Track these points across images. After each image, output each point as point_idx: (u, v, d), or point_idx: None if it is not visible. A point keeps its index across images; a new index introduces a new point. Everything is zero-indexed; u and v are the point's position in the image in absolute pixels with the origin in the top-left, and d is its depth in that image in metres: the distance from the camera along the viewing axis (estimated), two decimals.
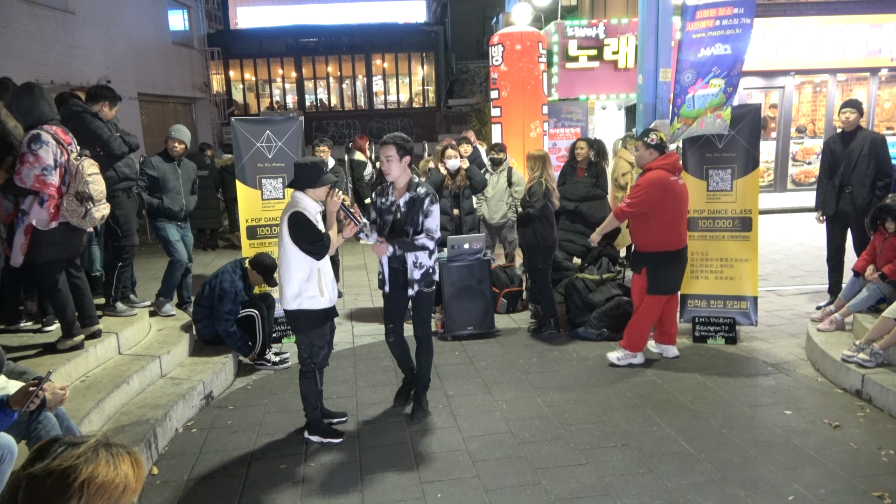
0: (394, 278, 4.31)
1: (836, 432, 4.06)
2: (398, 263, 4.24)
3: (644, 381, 4.92)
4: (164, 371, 4.89)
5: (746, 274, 5.73)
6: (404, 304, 4.40)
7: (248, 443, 4.16)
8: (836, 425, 4.13)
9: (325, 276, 3.95)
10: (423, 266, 4.23)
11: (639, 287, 5.14)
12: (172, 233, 5.94)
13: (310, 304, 3.92)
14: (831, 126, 13.43)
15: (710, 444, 3.96)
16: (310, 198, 3.91)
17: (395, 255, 4.20)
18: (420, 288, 4.24)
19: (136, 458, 1.41)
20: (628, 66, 10.94)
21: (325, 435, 4.15)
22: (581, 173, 7.10)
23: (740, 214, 5.70)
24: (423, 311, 4.36)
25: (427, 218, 4.14)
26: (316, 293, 3.90)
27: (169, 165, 5.94)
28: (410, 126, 25.52)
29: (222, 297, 5.18)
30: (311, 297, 3.90)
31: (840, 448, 3.86)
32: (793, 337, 5.80)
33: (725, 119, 5.31)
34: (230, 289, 5.20)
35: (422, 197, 4.13)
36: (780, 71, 13.00)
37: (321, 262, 3.93)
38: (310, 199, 3.91)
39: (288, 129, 6.00)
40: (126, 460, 1.39)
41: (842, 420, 4.20)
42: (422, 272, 4.23)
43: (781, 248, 9.48)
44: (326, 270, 3.98)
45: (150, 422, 4.08)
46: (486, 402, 4.65)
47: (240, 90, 26.51)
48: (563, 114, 10.72)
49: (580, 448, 3.96)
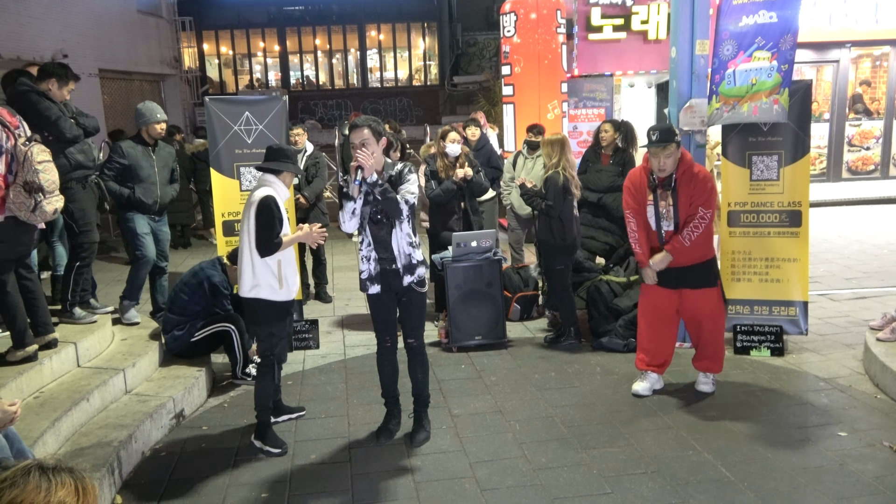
0: (384, 278, 4.26)
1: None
2: (386, 254, 4.20)
3: (677, 400, 4.92)
4: (128, 386, 4.91)
5: (795, 276, 5.72)
6: (395, 309, 4.40)
7: (224, 468, 4.17)
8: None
9: (286, 267, 4.22)
10: (414, 259, 4.24)
11: (712, 303, 4.89)
12: (141, 225, 5.92)
13: (268, 295, 4.20)
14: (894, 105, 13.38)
15: (754, 470, 3.95)
16: (279, 180, 4.27)
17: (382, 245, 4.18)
18: (412, 283, 4.24)
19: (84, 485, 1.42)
20: (659, 37, 10.90)
21: (268, 443, 4.35)
22: (605, 160, 7.10)
23: (788, 207, 5.69)
24: (416, 316, 4.37)
25: (403, 184, 4.16)
26: (275, 284, 4.18)
27: (142, 150, 5.90)
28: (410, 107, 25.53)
29: (216, 293, 5.27)
30: (271, 288, 4.19)
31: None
32: (848, 348, 5.78)
33: (784, 104, 5.27)
34: (222, 282, 5.30)
35: (399, 171, 4.20)
36: (833, 42, 12.95)
37: (283, 253, 4.22)
38: (279, 183, 4.27)
39: (270, 110, 6.01)
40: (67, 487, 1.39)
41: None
42: (418, 259, 4.25)
43: (835, 247, 9.46)
44: (289, 260, 4.25)
45: (112, 444, 4.09)
46: (496, 423, 4.65)
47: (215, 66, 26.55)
48: (585, 92, 10.71)
49: (604, 475, 3.95)
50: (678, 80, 5.73)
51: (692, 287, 4.83)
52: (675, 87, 5.77)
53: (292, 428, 4.65)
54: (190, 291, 5.29)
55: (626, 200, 4.95)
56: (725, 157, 5.84)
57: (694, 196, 4.70)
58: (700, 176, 4.72)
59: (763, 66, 5.29)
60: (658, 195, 4.75)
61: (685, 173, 4.72)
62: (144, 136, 5.92)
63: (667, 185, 4.73)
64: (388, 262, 4.22)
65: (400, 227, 4.17)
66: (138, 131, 5.96)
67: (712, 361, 4.98)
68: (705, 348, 4.98)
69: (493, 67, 21.63)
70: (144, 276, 5.99)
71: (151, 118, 5.88)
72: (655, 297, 4.92)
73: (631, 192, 4.91)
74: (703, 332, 4.93)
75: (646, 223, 4.87)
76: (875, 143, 13.52)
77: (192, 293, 5.29)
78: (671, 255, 4.76)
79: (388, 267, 4.22)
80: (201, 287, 5.28)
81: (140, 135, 5.94)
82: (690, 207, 4.72)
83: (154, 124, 5.89)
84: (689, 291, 4.85)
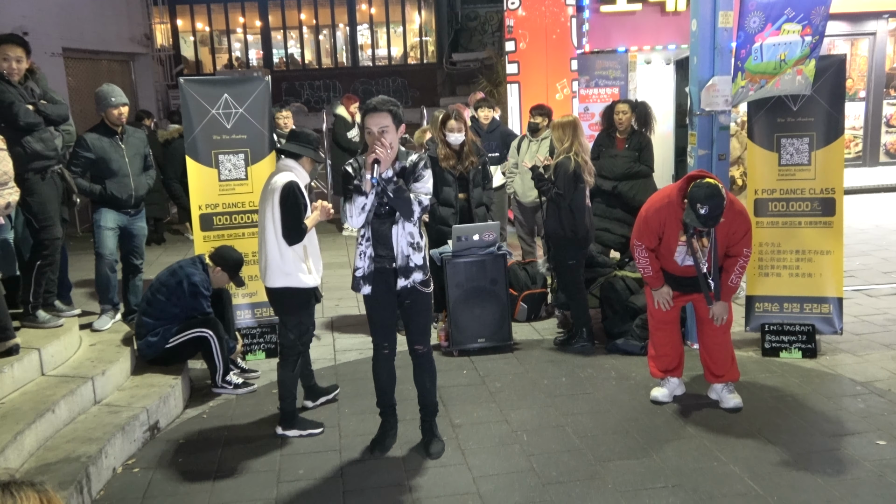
0: (378, 277, 4.23)
1: None
2: (385, 251, 4.18)
3: (700, 406, 4.92)
4: (98, 396, 4.91)
5: (829, 270, 5.72)
6: (395, 312, 4.39)
7: (203, 485, 4.17)
8: None
9: (312, 251, 4.56)
10: (412, 262, 4.20)
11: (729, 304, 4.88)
12: (107, 219, 5.92)
13: (298, 283, 4.49)
14: None
15: (784, 482, 3.96)
16: (299, 166, 4.60)
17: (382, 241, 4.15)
18: (410, 284, 4.20)
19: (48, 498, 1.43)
20: (678, 8, 10.88)
21: (304, 427, 4.67)
22: (621, 145, 7.09)
23: (821, 195, 5.69)
24: (423, 320, 4.37)
25: (417, 182, 4.13)
26: (305, 269, 4.49)
27: (109, 141, 5.88)
28: (405, 87, 25.49)
29: (196, 293, 5.26)
30: (302, 274, 4.48)
31: None
32: (887, 348, 5.79)
33: (808, 75, 5.28)
34: (202, 282, 5.30)
35: (414, 162, 4.15)
36: (869, 13, 12.93)
37: (308, 238, 4.53)
38: (300, 169, 4.60)
39: (251, 91, 6.00)
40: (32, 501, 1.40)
41: None
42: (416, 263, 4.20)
43: (872, 237, 9.47)
44: (313, 243, 4.59)
45: (81, 459, 4.09)
46: (501, 433, 4.66)
47: (190, 44, 26.51)
48: (598, 70, 10.69)
49: (620, 490, 3.96)
50: (699, 55, 5.71)
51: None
52: (696, 63, 5.76)
53: (278, 441, 4.65)
54: (168, 292, 5.29)
55: (641, 233, 4.77)
56: (751, 140, 5.83)
57: (735, 232, 4.60)
58: (741, 213, 4.65)
59: (793, 41, 5.28)
60: (692, 241, 4.58)
61: (727, 214, 4.50)
62: (106, 122, 5.89)
63: (703, 233, 4.56)
64: (386, 260, 4.19)
65: (403, 224, 4.15)
66: (101, 119, 5.93)
67: (731, 370, 4.89)
68: (721, 354, 4.87)
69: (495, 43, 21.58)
70: (106, 275, 5.98)
71: (108, 102, 5.83)
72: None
73: (652, 228, 4.71)
74: (717, 336, 4.85)
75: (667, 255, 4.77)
76: None
77: (171, 294, 5.29)
78: (727, 300, 4.77)
79: (385, 266, 4.20)
80: (180, 287, 5.28)
81: (104, 122, 5.91)
82: (729, 243, 4.66)
83: (111, 109, 5.82)
84: (700, 297, 4.78)
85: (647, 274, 4.85)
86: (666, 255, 4.77)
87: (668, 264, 4.81)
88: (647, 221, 4.74)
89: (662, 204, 4.70)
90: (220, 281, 5.47)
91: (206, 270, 5.39)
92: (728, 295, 4.78)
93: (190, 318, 5.30)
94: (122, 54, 18.78)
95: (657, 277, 4.84)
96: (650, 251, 4.78)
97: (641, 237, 4.78)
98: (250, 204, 6.08)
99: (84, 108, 15.22)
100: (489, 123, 7.88)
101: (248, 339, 6.03)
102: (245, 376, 5.57)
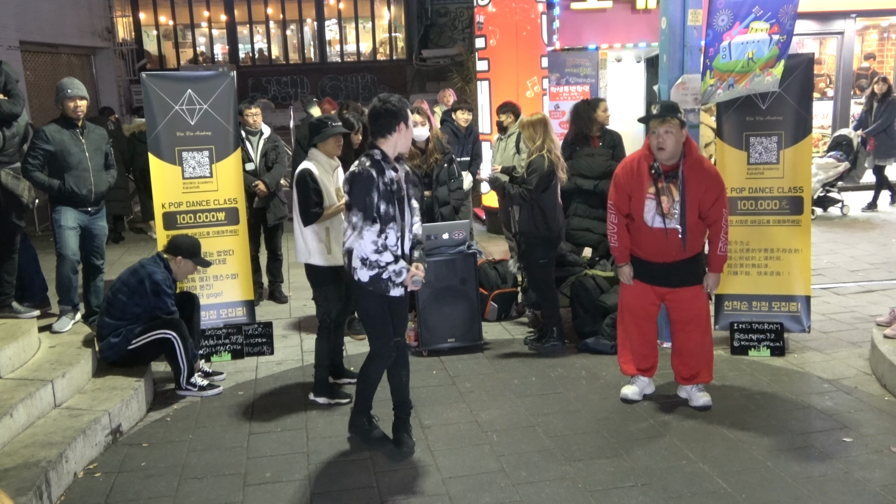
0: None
1: None
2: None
3: (670, 405, 4.98)
4: (58, 399, 4.84)
5: (797, 268, 5.81)
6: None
7: (167, 489, 4.14)
8: None
9: (333, 234, 4.91)
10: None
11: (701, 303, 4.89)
12: (68, 218, 5.84)
13: (317, 261, 4.96)
14: None
15: (753, 480, 4.02)
16: (321, 152, 4.97)
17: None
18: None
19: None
20: (649, 6, 11.00)
21: (333, 396, 5.10)
22: (595, 143, 7.10)
23: (789, 193, 5.78)
24: (405, 311, 4.58)
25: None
26: (324, 250, 4.93)
27: (69, 134, 5.81)
28: (374, 84, 25.41)
29: (158, 291, 5.20)
30: (320, 254, 4.94)
31: None
32: (854, 346, 5.90)
33: (776, 75, 5.35)
34: (164, 279, 5.25)
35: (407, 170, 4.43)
36: (837, 12, 13.16)
37: (331, 221, 4.93)
38: (321, 155, 4.98)
39: (216, 87, 5.95)
40: None
41: None
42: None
43: (840, 236, 9.63)
44: (336, 227, 4.87)
45: (40, 464, 4.04)
46: (471, 434, 4.67)
47: (153, 38, 26.19)
48: (568, 67, 10.76)
49: (590, 489, 3.99)
50: (669, 53, 5.78)
51: (677, 286, 4.80)
52: (666, 61, 5.82)
53: (244, 443, 4.63)
54: (129, 292, 5.23)
55: (612, 191, 4.87)
56: (721, 139, 5.91)
57: (708, 191, 4.61)
58: (710, 169, 4.69)
59: (761, 39, 5.36)
60: (661, 188, 4.63)
61: (694, 164, 4.62)
62: (67, 115, 5.82)
63: (673, 176, 4.62)
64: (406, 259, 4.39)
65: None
66: (61, 113, 5.86)
67: (705, 371, 4.93)
68: (696, 357, 4.90)
69: (466, 40, 21.60)
70: (68, 276, 5.90)
71: (64, 93, 5.77)
72: (638, 294, 4.94)
73: (620, 183, 4.81)
74: (693, 337, 4.88)
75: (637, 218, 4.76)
76: None
77: (132, 293, 5.22)
78: (718, 271, 4.79)
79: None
80: (142, 286, 5.21)
81: (65, 116, 5.84)
82: (701, 205, 4.63)
83: (67, 101, 5.76)
84: (673, 292, 4.83)
85: (613, 245, 4.90)
86: (637, 217, 4.74)
87: (642, 236, 4.77)
88: (617, 178, 4.86)
89: (632, 157, 4.86)
90: (186, 270, 5.41)
91: (167, 267, 5.34)
92: (718, 265, 4.79)
93: (153, 319, 5.25)
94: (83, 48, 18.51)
95: (623, 251, 4.86)
96: (622, 218, 4.82)
97: (612, 195, 4.88)
98: (215, 202, 6.04)
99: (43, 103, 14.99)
100: (467, 126, 7.88)
101: (214, 339, 5.98)
102: (210, 379, 5.52)
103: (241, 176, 6.22)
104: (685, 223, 4.62)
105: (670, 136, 4.54)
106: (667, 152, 4.57)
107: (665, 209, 4.63)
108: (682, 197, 4.60)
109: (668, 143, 4.55)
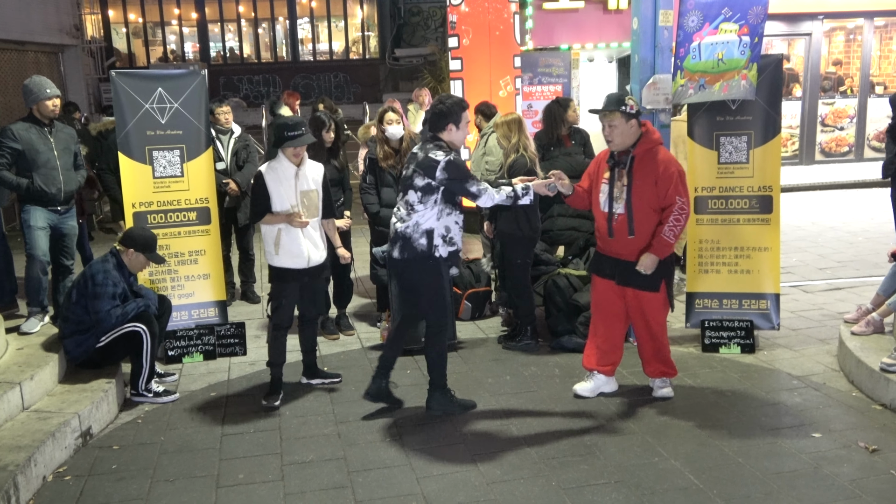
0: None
1: (874, 458, 4.21)
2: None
3: (641, 402, 5.02)
4: (26, 402, 4.78)
5: (767, 266, 5.88)
6: None
7: (139, 492, 4.10)
8: (874, 449, 4.29)
9: (287, 237, 4.97)
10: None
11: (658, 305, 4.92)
12: (37, 218, 5.78)
13: (270, 260, 5.10)
14: (868, 82, 13.87)
15: (724, 476, 4.07)
16: (283, 156, 4.96)
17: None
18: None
19: None
20: (620, 7, 11.08)
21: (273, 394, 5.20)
22: (567, 142, 7.13)
23: (759, 192, 5.85)
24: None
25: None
26: (272, 250, 5.03)
27: (37, 132, 5.77)
28: (347, 83, 25.34)
29: (97, 294, 5.01)
30: (269, 253, 5.08)
31: (879, 477, 4.01)
32: (822, 343, 5.99)
33: (752, 80, 5.40)
34: (104, 280, 5.03)
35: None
36: (805, 14, 13.35)
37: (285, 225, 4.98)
38: (283, 159, 4.97)
39: (187, 86, 5.90)
40: None
41: (881, 443, 4.36)
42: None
43: (809, 234, 9.77)
44: (290, 232, 4.96)
45: (8, 468, 3.98)
46: (445, 432, 4.68)
47: (122, 35, 25.90)
48: (541, 67, 10.80)
49: (564, 487, 4.01)
50: (640, 54, 5.83)
51: (636, 287, 4.85)
52: (637, 61, 5.87)
53: (216, 445, 4.59)
54: (78, 294, 5.12)
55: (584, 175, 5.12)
56: (692, 138, 5.96)
57: (659, 181, 4.71)
58: (663, 159, 4.77)
59: (730, 40, 5.42)
60: (615, 174, 4.82)
61: (646, 153, 4.76)
62: (37, 115, 5.79)
63: (622, 163, 4.80)
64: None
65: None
66: (30, 111, 5.81)
67: (666, 364, 5.04)
68: (655, 350, 5.00)
69: (439, 39, 21.62)
70: (37, 277, 5.83)
71: (41, 94, 5.75)
72: (605, 288, 4.99)
73: (589, 170, 5.09)
74: (651, 332, 4.97)
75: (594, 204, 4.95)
76: (849, 122, 14.00)
77: (80, 296, 5.11)
78: (657, 255, 4.73)
79: None
80: (86, 288, 5.08)
81: (32, 115, 5.80)
82: (651, 195, 4.71)
83: (45, 101, 5.75)
84: (632, 291, 4.89)
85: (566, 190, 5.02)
86: (595, 202, 4.96)
87: (599, 223, 4.97)
88: (590, 166, 5.15)
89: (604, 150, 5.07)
90: (138, 264, 5.24)
91: (120, 262, 5.18)
92: (660, 248, 4.73)
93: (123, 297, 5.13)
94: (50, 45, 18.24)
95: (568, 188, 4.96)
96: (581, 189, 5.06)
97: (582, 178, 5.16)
98: (186, 202, 5.98)
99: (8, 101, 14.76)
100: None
101: (186, 340, 5.93)
102: (162, 380, 5.46)
103: (212, 175, 6.16)
104: (631, 207, 4.76)
105: (615, 128, 4.78)
106: (615, 143, 4.83)
107: (616, 194, 4.82)
108: (629, 182, 4.77)
109: (614, 135, 4.79)
